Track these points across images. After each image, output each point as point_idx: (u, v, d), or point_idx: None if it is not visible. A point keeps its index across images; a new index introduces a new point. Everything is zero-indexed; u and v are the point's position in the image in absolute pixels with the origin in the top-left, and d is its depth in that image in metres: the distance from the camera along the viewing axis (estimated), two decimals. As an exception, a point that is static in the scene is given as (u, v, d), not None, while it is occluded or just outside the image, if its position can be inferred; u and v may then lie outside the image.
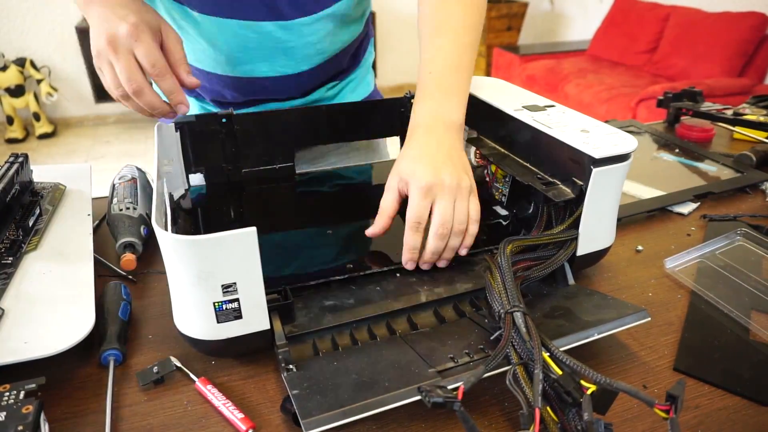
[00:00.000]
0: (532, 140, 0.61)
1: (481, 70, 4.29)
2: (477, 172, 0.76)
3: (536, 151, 0.61)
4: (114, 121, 3.72)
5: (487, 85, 0.73)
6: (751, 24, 2.86)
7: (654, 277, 0.63)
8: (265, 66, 0.78)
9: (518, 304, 0.46)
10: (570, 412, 0.39)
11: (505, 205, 0.68)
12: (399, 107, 0.80)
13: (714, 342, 0.53)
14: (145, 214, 0.66)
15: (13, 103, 3.23)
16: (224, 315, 0.45)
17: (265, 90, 0.81)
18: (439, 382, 0.42)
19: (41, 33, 3.33)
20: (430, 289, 0.57)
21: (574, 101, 3.20)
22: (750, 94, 1.58)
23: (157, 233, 0.43)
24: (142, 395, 0.46)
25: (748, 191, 0.84)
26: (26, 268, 0.54)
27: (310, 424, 0.38)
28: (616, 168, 0.53)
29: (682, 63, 3.14)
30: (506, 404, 0.46)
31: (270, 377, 0.49)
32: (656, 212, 0.78)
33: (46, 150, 3.32)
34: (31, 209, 0.62)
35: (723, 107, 1.03)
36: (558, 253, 0.55)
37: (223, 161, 0.73)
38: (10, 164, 0.63)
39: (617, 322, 0.49)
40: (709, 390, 0.48)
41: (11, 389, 0.41)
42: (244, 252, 0.43)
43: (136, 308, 0.57)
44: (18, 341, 0.45)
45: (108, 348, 0.49)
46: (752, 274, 0.63)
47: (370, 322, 0.52)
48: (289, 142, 0.77)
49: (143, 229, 0.64)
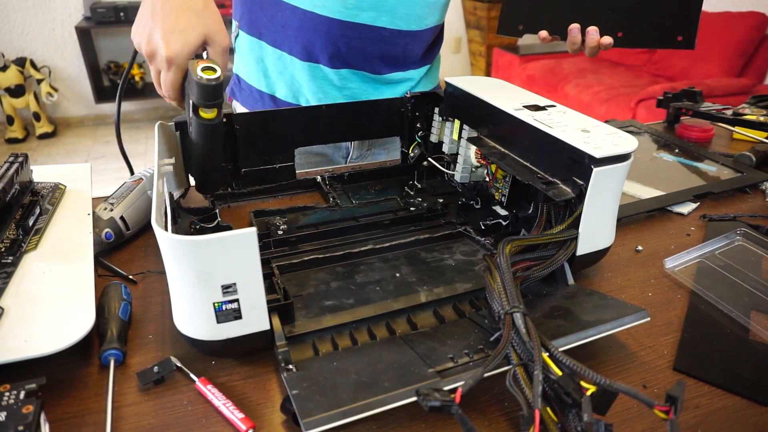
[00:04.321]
0: (533, 140, 0.61)
1: (481, 70, 4.28)
2: (477, 172, 0.76)
3: (536, 150, 0.61)
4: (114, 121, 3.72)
5: (487, 85, 0.73)
6: (751, 24, 2.86)
7: (654, 277, 0.63)
8: (386, 17, 0.83)
9: (518, 304, 0.46)
10: (570, 413, 0.39)
11: (505, 205, 0.68)
12: (399, 107, 0.80)
13: (714, 342, 0.53)
14: (118, 218, 0.65)
15: (13, 103, 3.23)
16: (224, 315, 0.45)
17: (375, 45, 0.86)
18: (438, 383, 0.42)
19: (41, 33, 3.33)
20: (430, 289, 0.57)
21: (574, 101, 3.19)
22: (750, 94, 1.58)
23: (157, 233, 0.43)
24: (142, 395, 0.46)
25: (747, 191, 0.84)
26: (26, 267, 0.54)
27: (310, 424, 0.38)
28: (617, 168, 0.53)
29: (682, 63, 3.14)
30: (506, 404, 0.46)
31: (270, 377, 0.49)
32: (656, 212, 0.78)
33: (46, 150, 3.31)
34: (31, 209, 0.62)
35: (723, 107, 1.03)
36: (558, 253, 0.55)
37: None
38: (10, 164, 0.63)
39: (617, 322, 0.49)
40: (708, 390, 0.48)
41: (11, 389, 0.41)
42: (243, 252, 0.43)
43: (136, 308, 0.57)
44: (18, 340, 0.45)
45: (108, 348, 0.49)
46: (752, 274, 0.63)
47: (369, 323, 0.53)
48: (289, 142, 0.77)
49: (106, 234, 0.63)
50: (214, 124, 0.55)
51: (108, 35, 3.50)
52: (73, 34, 3.28)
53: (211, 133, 0.58)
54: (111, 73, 3.52)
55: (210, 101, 0.54)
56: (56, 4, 3.30)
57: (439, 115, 0.80)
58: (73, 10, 3.32)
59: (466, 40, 4.33)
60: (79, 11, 3.33)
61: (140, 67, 3.55)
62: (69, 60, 3.44)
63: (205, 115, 0.55)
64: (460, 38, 4.27)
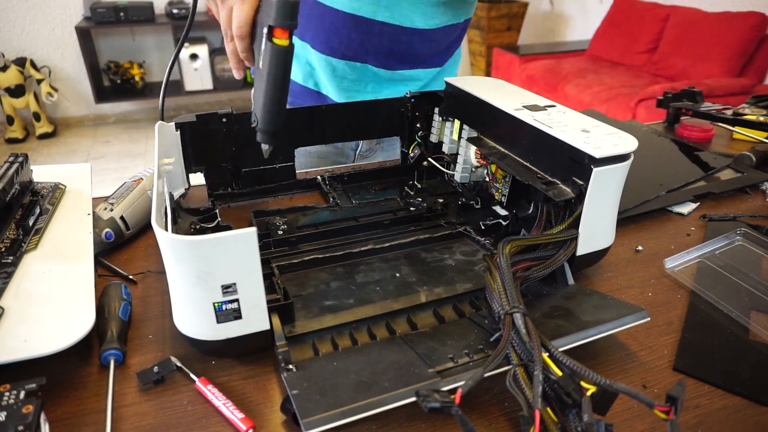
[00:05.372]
0: (533, 140, 0.61)
1: (481, 70, 4.29)
2: (477, 172, 0.76)
3: (536, 150, 0.61)
4: (114, 121, 3.72)
5: (487, 85, 0.73)
6: (751, 24, 2.85)
7: (654, 277, 0.63)
8: (386, 12, 0.83)
9: (518, 305, 0.46)
10: (570, 413, 0.39)
11: (505, 205, 0.68)
12: (399, 107, 0.80)
13: (714, 342, 0.53)
14: (118, 218, 0.65)
15: (13, 103, 3.23)
16: (224, 315, 0.45)
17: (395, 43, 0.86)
18: (438, 383, 0.42)
19: (41, 33, 3.33)
20: (430, 289, 0.57)
21: (574, 101, 3.19)
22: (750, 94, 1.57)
23: (157, 233, 0.43)
24: (142, 395, 0.46)
25: (747, 191, 0.84)
26: (26, 267, 0.54)
27: (309, 424, 0.38)
28: (617, 168, 0.53)
29: (682, 63, 3.14)
30: (506, 404, 0.46)
31: (270, 377, 0.49)
32: (656, 212, 0.78)
33: (46, 150, 3.31)
34: (31, 209, 0.62)
35: (723, 107, 1.03)
36: (558, 253, 0.55)
37: (223, 161, 0.73)
38: (9, 164, 0.63)
39: (617, 322, 0.49)
40: (708, 390, 0.48)
41: (11, 389, 0.41)
42: (243, 252, 0.43)
43: (136, 308, 0.57)
44: (18, 340, 0.45)
45: (108, 348, 0.49)
46: (752, 274, 0.63)
47: (369, 323, 0.53)
48: (289, 142, 0.77)
49: (106, 233, 0.63)
50: (288, 50, 0.56)
51: (108, 35, 3.50)
52: (73, 34, 3.28)
53: (285, 61, 0.58)
54: (111, 73, 3.52)
55: (289, 20, 0.54)
56: (56, 4, 3.30)
57: (439, 115, 0.80)
58: (73, 10, 3.33)
59: (467, 40, 4.34)
60: (79, 11, 3.33)
61: (140, 67, 3.55)
62: (69, 60, 3.44)
63: (280, 42, 0.55)
64: (460, 38, 4.26)
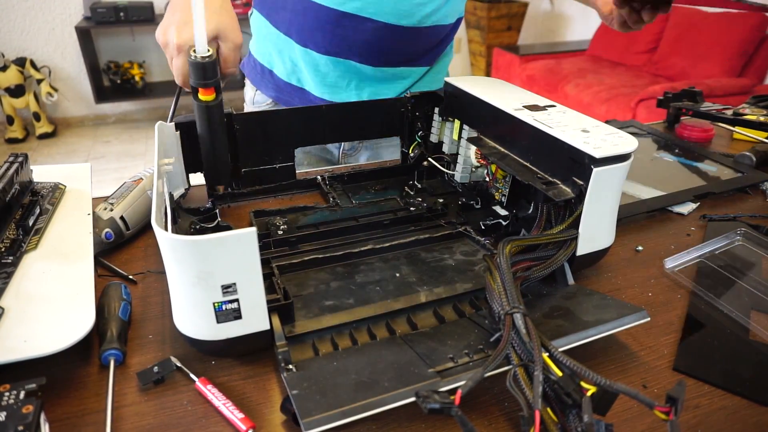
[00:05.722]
0: (533, 140, 0.61)
1: (481, 70, 4.29)
2: (477, 172, 0.76)
3: (536, 150, 0.61)
4: (114, 121, 3.72)
5: (487, 85, 0.73)
6: (751, 24, 2.85)
7: (654, 277, 0.63)
8: (372, 8, 0.83)
9: (518, 305, 0.46)
10: (570, 414, 0.39)
11: (505, 205, 0.68)
12: (399, 107, 0.80)
13: (714, 342, 0.53)
14: (118, 218, 0.65)
15: (13, 103, 3.23)
16: (224, 315, 0.45)
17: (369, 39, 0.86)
18: (438, 384, 0.42)
19: (41, 33, 3.33)
20: (430, 289, 0.57)
21: (574, 101, 3.19)
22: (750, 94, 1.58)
23: (157, 233, 0.43)
24: (142, 395, 0.46)
25: (748, 191, 0.84)
26: (26, 267, 0.54)
27: (309, 424, 0.38)
28: (617, 168, 0.53)
29: (682, 63, 3.14)
30: (506, 404, 0.46)
31: (270, 377, 0.49)
32: (656, 212, 0.78)
33: (46, 150, 3.31)
34: (31, 209, 0.62)
35: (723, 107, 1.03)
36: (558, 253, 0.55)
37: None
38: (9, 164, 0.63)
39: (617, 322, 0.49)
40: (708, 390, 0.48)
41: (11, 389, 0.41)
42: (243, 252, 0.43)
43: (136, 308, 0.57)
44: (18, 340, 0.45)
45: (108, 348, 0.49)
46: (752, 274, 0.63)
47: (369, 323, 0.53)
48: (289, 142, 0.77)
49: (106, 233, 0.64)
50: (212, 106, 0.57)
51: (108, 35, 3.50)
52: (73, 34, 3.28)
53: (210, 116, 0.60)
54: (111, 73, 3.52)
55: (202, 80, 0.56)
56: (56, 4, 3.30)
57: (439, 115, 0.80)
58: (73, 10, 3.32)
59: (466, 40, 4.34)
60: (79, 11, 3.33)
61: (140, 67, 3.55)
62: (69, 60, 3.44)
63: (203, 97, 0.57)
64: (460, 38, 4.27)
